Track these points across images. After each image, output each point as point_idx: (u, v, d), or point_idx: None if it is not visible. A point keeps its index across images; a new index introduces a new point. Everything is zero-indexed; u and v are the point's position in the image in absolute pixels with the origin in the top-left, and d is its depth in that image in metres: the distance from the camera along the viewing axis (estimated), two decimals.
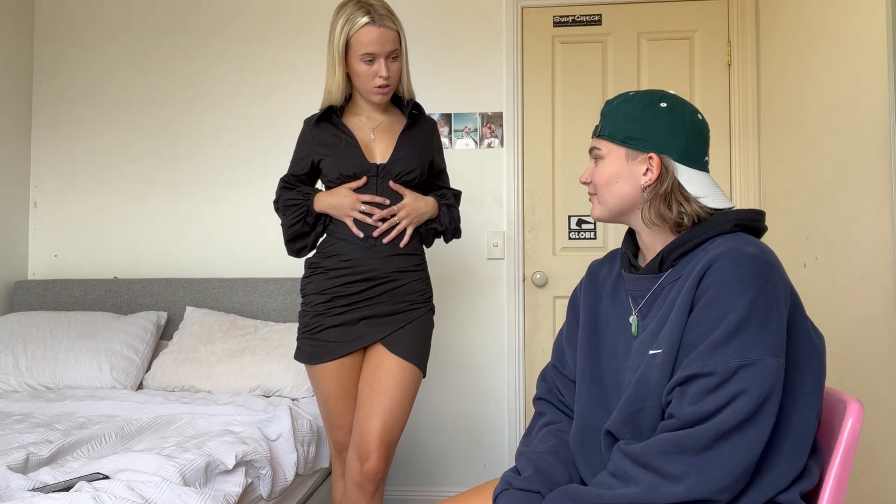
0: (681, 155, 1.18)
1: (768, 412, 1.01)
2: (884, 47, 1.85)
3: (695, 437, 1.01)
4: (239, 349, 2.64)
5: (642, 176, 1.19)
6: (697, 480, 0.99)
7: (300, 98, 3.11)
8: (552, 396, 1.36)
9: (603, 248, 2.99)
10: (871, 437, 1.89)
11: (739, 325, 1.03)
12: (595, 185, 1.25)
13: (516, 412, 2.96)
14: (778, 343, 1.03)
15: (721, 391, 1.01)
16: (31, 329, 2.76)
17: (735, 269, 1.06)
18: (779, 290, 1.06)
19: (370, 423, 1.81)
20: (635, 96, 1.23)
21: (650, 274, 1.19)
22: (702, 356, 1.04)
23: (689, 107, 1.21)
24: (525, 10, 3.04)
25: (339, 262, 1.88)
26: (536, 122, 3.03)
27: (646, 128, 1.19)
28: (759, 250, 1.09)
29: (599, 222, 2.90)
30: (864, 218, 1.96)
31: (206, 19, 3.17)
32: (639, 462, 1.04)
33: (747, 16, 2.91)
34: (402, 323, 1.87)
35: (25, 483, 1.49)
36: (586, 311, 1.30)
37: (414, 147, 1.93)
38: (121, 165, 3.18)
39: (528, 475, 1.20)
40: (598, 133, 1.25)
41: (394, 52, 1.84)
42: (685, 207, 1.16)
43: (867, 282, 1.94)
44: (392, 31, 1.83)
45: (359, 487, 1.81)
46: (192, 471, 1.57)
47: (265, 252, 3.09)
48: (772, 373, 1.01)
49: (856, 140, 2.01)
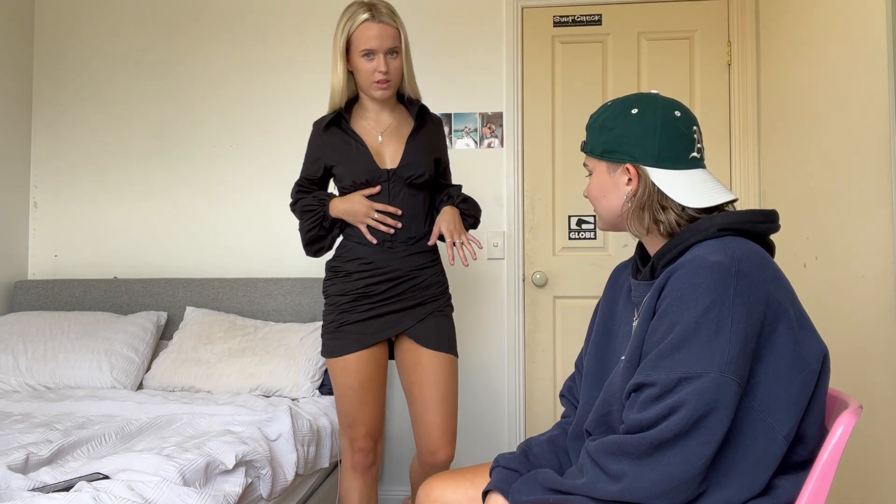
0: (656, 159, 1.16)
1: (710, 427, 0.99)
2: (884, 47, 1.85)
3: (635, 444, 1.03)
4: (239, 349, 2.64)
5: (625, 186, 1.19)
6: (632, 483, 1.02)
7: (300, 98, 3.11)
8: (570, 393, 1.42)
9: (603, 249, 2.99)
10: (871, 438, 1.90)
11: (686, 336, 1.02)
12: (590, 199, 1.27)
13: (516, 412, 2.96)
14: (730, 358, 1.00)
15: (661, 402, 1.02)
16: (31, 329, 2.76)
17: (692, 278, 1.04)
18: (742, 301, 1.02)
19: (429, 416, 1.93)
20: (610, 106, 1.23)
21: (646, 280, 1.20)
22: (649, 365, 1.05)
23: (662, 106, 1.19)
24: (525, 10, 3.04)
25: (360, 265, 1.95)
26: (536, 122, 3.03)
27: (619, 138, 1.19)
28: (729, 259, 1.04)
29: None
30: (864, 218, 1.96)
31: (206, 19, 3.17)
32: (592, 457, 1.09)
33: (747, 16, 2.91)
34: (423, 315, 1.96)
35: (25, 483, 1.49)
36: (603, 312, 1.33)
37: (422, 150, 1.99)
38: (121, 165, 3.18)
39: (514, 456, 1.30)
40: (582, 148, 1.27)
41: (393, 48, 1.89)
42: (661, 216, 1.15)
43: (867, 282, 1.94)
44: (391, 28, 1.88)
45: (435, 469, 1.94)
46: (192, 471, 1.57)
47: (265, 252, 3.09)
48: (714, 388, 0.99)
49: (856, 140, 2.01)
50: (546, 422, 2.98)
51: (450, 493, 1.35)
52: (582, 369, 1.37)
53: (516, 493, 1.16)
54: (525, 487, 1.16)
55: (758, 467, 1.04)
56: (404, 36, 1.93)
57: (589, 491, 1.06)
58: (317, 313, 2.91)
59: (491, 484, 1.25)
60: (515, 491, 1.17)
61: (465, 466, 1.48)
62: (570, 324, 2.99)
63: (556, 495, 1.12)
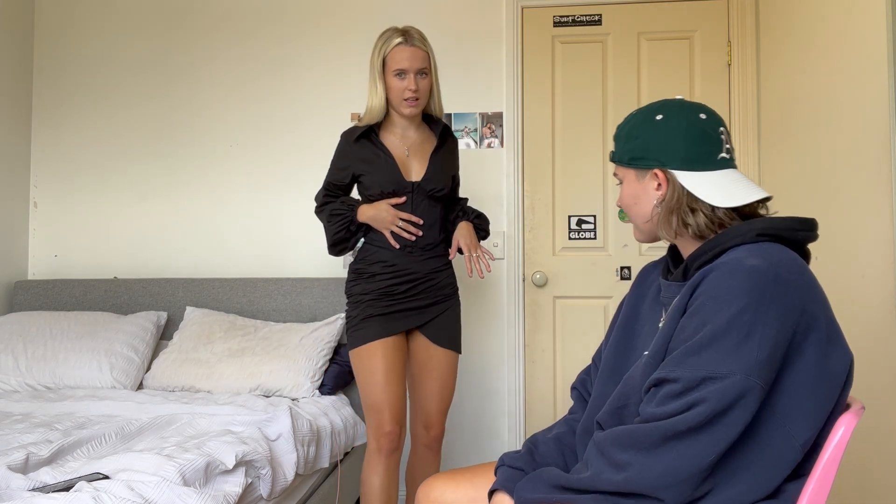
0: (683, 162, 1.17)
1: (725, 425, 0.99)
2: (884, 47, 1.85)
3: (646, 433, 1.03)
4: (239, 349, 2.64)
5: (655, 191, 1.20)
6: (638, 473, 1.02)
7: (301, 98, 3.11)
8: (582, 386, 1.42)
9: (603, 248, 2.99)
10: (871, 438, 1.90)
11: (716, 336, 1.02)
12: (624, 209, 1.27)
13: (516, 412, 2.96)
14: (756, 362, 1.00)
15: (682, 399, 1.02)
16: (31, 329, 2.76)
17: (728, 279, 1.04)
18: (777, 308, 1.01)
19: (430, 401, 2.21)
20: (635, 115, 1.24)
21: (677, 281, 1.20)
22: (674, 362, 1.05)
23: (687, 110, 1.20)
24: (525, 9, 3.04)
25: (383, 268, 2.15)
26: (536, 122, 3.03)
27: (645, 144, 1.20)
28: (767, 264, 1.04)
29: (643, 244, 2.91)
30: (864, 217, 1.96)
31: (206, 19, 3.17)
32: (598, 448, 1.09)
33: (747, 16, 2.91)
34: (437, 313, 2.19)
35: (25, 483, 1.49)
36: (627, 310, 1.33)
37: (443, 166, 2.21)
38: (121, 165, 3.18)
39: (520, 455, 1.30)
40: (611, 158, 1.28)
41: (423, 69, 2.12)
42: (689, 218, 1.15)
43: (867, 281, 1.94)
44: (422, 52, 2.11)
45: (428, 448, 2.25)
46: (192, 471, 1.57)
47: (265, 252, 3.09)
48: (737, 390, 0.99)
49: (856, 140, 2.01)
50: (546, 422, 2.98)
51: (449, 493, 1.35)
52: (599, 364, 1.37)
53: (520, 491, 1.16)
54: (529, 485, 1.16)
55: (770, 471, 1.04)
56: (433, 59, 2.15)
57: (593, 483, 1.06)
58: (317, 313, 2.91)
59: (497, 483, 1.25)
60: (520, 489, 1.17)
61: (464, 466, 1.48)
62: (570, 324, 2.99)
63: (560, 494, 1.11)
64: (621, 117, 2.99)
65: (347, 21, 3.10)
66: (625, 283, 2.97)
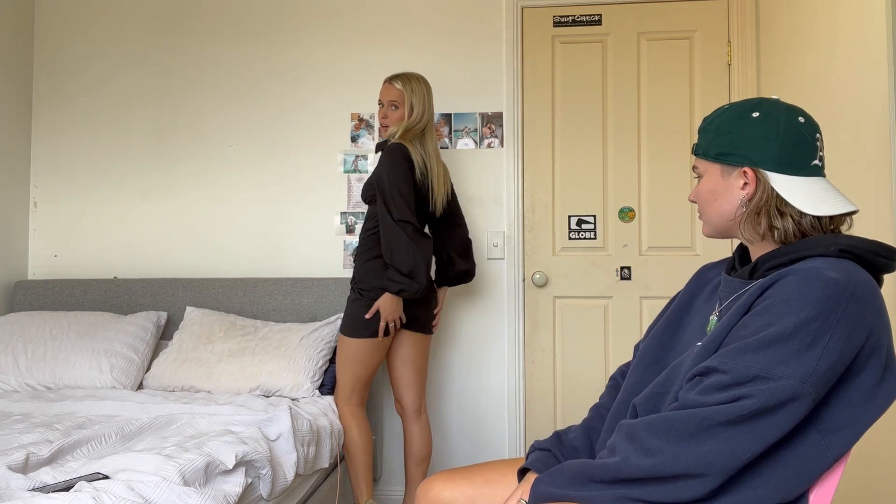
0: (777, 164, 1.13)
1: (767, 426, 0.98)
2: (884, 46, 1.85)
3: (681, 420, 1.01)
4: (239, 349, 2.64)
5: (740, 190, 1.17)
6: (668, 459, 1.00)
7: (301, 98, 3.11)
8: (621, 376, 1.43)
9: (603, 249, 2.99)
10: (870, 438, 1.90)
11: (779, 338, 1.00)
12: (699, 203, 1.25)
13: (516, 412, 2.96)
14: (815, 372, 0.98)
15: (728, 391, 1.00)
16: (31, 329, 2.76)
17: (802, 286, 1.02)
18: (847, 324, 1.00)
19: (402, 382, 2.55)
20: (728, 109, 1.21)
21: (741, 279, 1.18)
22: (728, 354, 1.03)
23: (786, 112, 1.16)
24: (525, 10, 3.04)
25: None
26: (536, 122, 3.03)
27: (737, 140, 1.16)
28: (846, 280, 1.02)
29: (710, 238, 2.91)
30: (864, 217, 1.96)
31: (206, 19, 3.17)
32: (627, 435, 1.08)
33: (747, 16, 2.91)
34: (425, 320, 2.53)
35: (25, 483, 1.49)
36: (680, 302, 1.32)
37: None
38: (121, 165, 3.18)
39: (547, 439, 1.34)
40: (694, 151, 1.24)
41: (393, 102, 2.46)
42: (777, 222, 1.13)
43: None
44: (395, 90, 2.46)
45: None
46: (192, 471, 1.57)
47: (265, 252, 3.09)
48: (786, 394, 0.97)
49: (856, 140, 2.01)
50: (546, 422, 2.98)
51: (447, 491, 1.36)
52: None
53: (539, 484, 1.14)
54: (549, 479, 1.14)
55: (798, 478, 1.03)
56: (409, 97, 2.44)
57: (619, 468, 1.04)
58: (317, 313, 2.91)
59: (527, 462, 1.28)
60: (539, 481, 1.15)
61: (462, 466, 1.48)
62: (570, 324, 2.99)
63: (580, 488, 1.08)
64: (621, 117, 3.02)
65: (348, 22, 3.10)
66: (625, 283, 2.97)
